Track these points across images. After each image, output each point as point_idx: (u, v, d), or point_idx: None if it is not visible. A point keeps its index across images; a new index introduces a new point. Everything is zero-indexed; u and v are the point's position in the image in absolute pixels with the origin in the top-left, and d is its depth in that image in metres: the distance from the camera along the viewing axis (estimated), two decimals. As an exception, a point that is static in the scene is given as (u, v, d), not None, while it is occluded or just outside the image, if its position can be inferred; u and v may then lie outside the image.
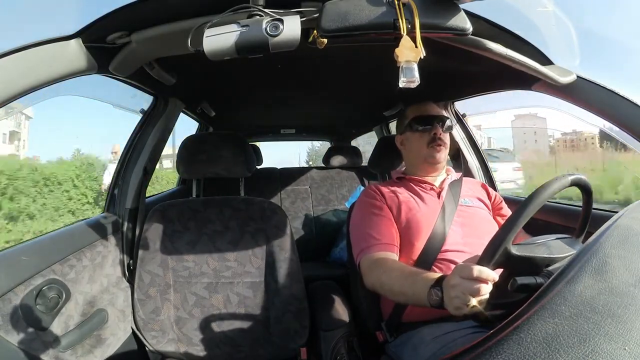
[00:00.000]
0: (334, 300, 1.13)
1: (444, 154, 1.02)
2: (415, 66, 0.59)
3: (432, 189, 1.03)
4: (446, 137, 1.03)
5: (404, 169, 1.16)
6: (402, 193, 1.02)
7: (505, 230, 0.59)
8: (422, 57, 0.60)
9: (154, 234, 1.07)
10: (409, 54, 0.59)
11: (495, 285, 0.59)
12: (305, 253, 1.24)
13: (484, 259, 0.59)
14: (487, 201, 1.07)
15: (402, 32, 0.59)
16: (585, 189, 0.67)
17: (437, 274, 0.71)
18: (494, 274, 0.58)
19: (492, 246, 0.59)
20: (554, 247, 0.64)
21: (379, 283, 0.84)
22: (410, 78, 0.59)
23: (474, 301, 0.57)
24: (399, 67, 0.60)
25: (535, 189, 0.61)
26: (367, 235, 0.94)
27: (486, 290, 0.57)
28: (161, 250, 1.06)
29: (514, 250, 0.59)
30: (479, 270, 0.57)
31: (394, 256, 0.91)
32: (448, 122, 1.03)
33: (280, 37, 0.58)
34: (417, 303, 0.74)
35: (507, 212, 1.06)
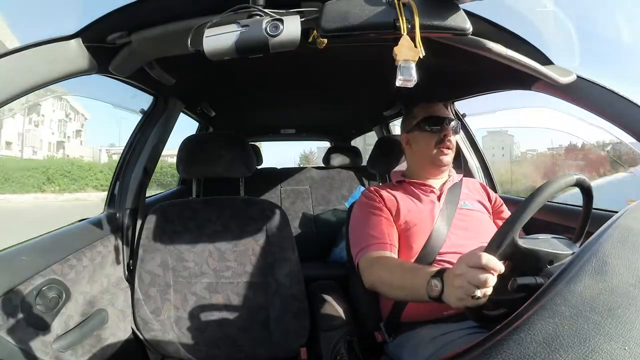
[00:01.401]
0: (334, 300, 1.13)
1: (450, 157, 1.02)
2: (413, 65, 0.59)
3: (432, 191, 1.03)
4: (453, 140, 1.02)
5: (403, 169, 1.15)
6: (402, 196, 1.02)
7: (513, 219, 0.59)
8: (422, 57, 0.60)
9: (154, 234, 1.07)
10: (408, 53, 0.59)
11: (499, 277, 0.57)
12: (305, 253, 1.24)
13: (491, 247, 0.57)
14: (487, 204, 1.07)
15: (402, 32, 0.59)
16: (587, 192, 0.68)
17: (438, 267, 0.70)
18: (501, 265, 0.56)
19: (499, 235, 0.58)
20: (558, 245, 0.64)
21: (379, 279, 0.84)
22: (407, 77, 0.59)
23: (478, 292, 0.55)
24: (396, 65, 0.60)
25: (543, 183, 0.61)
26: (366, 235, 0.94)
27: (492, 281, 0.55)
28: (161, 250, 1.06)
29: (521, 242, 0.59)
30: (487, 258, 0.55)
31: (393, 255, 0.91)
32: (455, 124, 1.03)
33: (280, 37, 0.58)
34: (416, 297, 0.72)
35: (507, 214, 1.06)
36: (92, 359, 0.91)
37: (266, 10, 0.60)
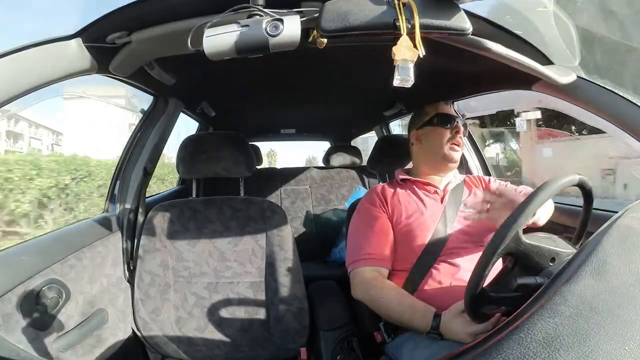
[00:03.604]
0: (334, 300, 1.13)
1: (460, 154, 1.03)
2: (411, 65, 0.59)
3: (435, 192, 1.03)
4: (463, 138, 1.04)
5: (407, 167, 1.15)
6: (405, 196, 1.02)
7: (514, 218, 0.59)
8: (422, 57, 0.60)
9: (154, 234, 1.07)
10: (406, 52, 0.59)
11: (501, 273, 0.62)
12: (305, 253, 1.24)
13: (468, 308, 0.65)
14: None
15: (402, 32, 0.59)
16: (587, 192, 0.68)
17: (432, 310, 0.80)
18: (479, 327, 0.69)
19: (469, 293, 0.63)
20: (560, 243, 0.65)
21: (371, 301, 0.90)
22: (404, 77, 0.59)
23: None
24: (395, 65, 0.60)
25: (544, 183, 0.61)
26: (361, 247, 0.96)
27: (480, 331, 0.69)
28: (161, 250, 1.06)
29: (524, 238, 0.60)
30: (469, 332, 0.71)
31: (385, 271, 0.94)
32: (464, 123, 1.05)
33: (280, 37, 0.58)
34: (412, 328, 0.84)
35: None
36: (92, 359, 0.91)
37: (266, 10, 0.60)
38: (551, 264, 0.61)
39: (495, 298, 0.61)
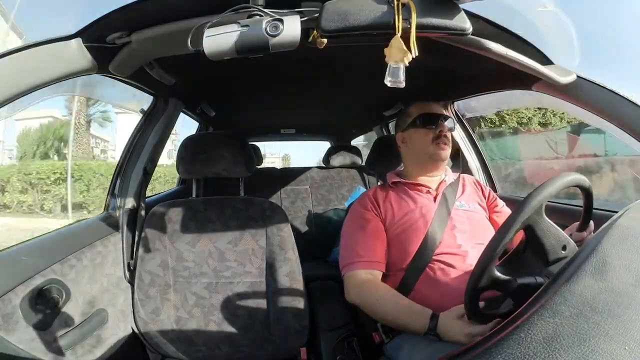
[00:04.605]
0: (334, 300, 1.13)
1: (447, 152, 1.02)
2: (402, 67, 0.60)
3: (428, 192, 1.03)
4: (449, 136, 1.03)
5: (400, 169, 1.15)
6: (397, 198, 1.02)
7: (502, 232, 0.59)
8: (422, 58, 0.60)
9: (154, 234, 1.07)
10: (397, 54, 0.59)
11: (514, 253, 0.63)
12: (305, 253, 1.23)
13: (468, 309, 0.64)
14: (483, 201, 1.07)
15: (398, 32, 0.59)
16: (587, 192, 0.68)
17: (429, 312, 0.80)
18: (477, 329, 0.69)
19: (469, 293, 0.62)
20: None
21: (364, 304, 0.90)
22: (395, 79, 0.60)
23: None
24: (387, 67, 0.60)
25: (542, 183, 0.61)
26: (353, 250, 0.96)
27: (477, 333, 0.68)
28: (161, 250, 1.06)
29: (546, 219, 0.60)
30: (467, 334, 0.70)
31: (379, 274, 0.94)
32: (450, 122, 1.03)
33: (280, 37, 0.58)
34: (408, 330, 0.84)
35: (501, 209, 1.06)
36: (92, 359, 0.91)
37: (266, 10, 0.60)
38: (563, 251, 0.61)
39: (500, 280, 0.60)
